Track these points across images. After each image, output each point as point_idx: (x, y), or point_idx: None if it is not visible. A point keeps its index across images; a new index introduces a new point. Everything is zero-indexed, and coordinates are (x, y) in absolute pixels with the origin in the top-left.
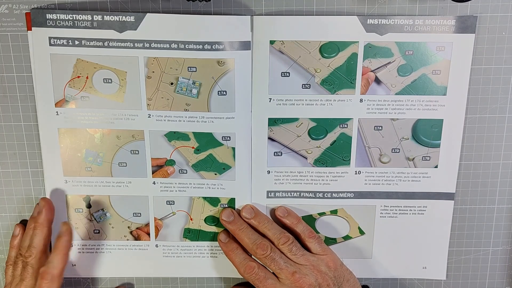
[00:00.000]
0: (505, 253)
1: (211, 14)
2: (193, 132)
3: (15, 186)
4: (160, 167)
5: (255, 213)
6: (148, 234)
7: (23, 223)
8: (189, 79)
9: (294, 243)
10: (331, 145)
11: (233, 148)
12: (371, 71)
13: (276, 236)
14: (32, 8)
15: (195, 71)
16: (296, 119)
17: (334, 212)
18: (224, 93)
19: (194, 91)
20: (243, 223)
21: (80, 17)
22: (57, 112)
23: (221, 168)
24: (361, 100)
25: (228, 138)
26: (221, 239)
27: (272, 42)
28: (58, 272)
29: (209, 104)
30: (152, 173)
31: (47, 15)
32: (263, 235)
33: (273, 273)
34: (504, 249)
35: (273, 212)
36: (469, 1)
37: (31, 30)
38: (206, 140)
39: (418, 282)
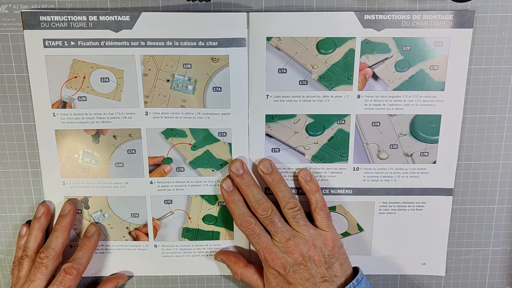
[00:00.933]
0: (505, 253)
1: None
2: (189, 129)
3: (15, 186)
4: (157, 166)
5: (272, 170)
6: (147, 234)
7: (29, 223)
8: (185, 76)
9: (300, 211)
10: (328, 141)
11: (230, 144)
12: (369, 67)
13: (285, 199)
14: (23, 11)
15: (190, 67)
16: (293, 116)
17: (332, 208)
18: (219, 89)
19: (190, 87)
20: (251, 180)
21: (75, 18)
22: (53, 113)
23: (218, 164)
24: (358, 96)
25: (224, 134)
26: (225, 187)
27: (268, 39)
28: (83, 269)
29: (205, 100)
30: (149, 172)
31: (40, 17)
32: (267, 194)
33: (269, 233)
34: (504, 249)
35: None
36: (469, 1)
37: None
38: (203, 136)
39: (418, 281)
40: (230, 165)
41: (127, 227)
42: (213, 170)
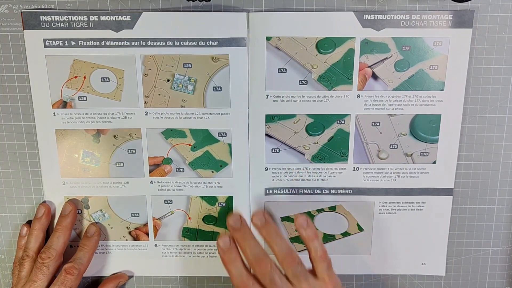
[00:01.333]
0: (505, 253)
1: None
2: (189, 129)
3: (15, 186)
4: (157, 166)
5: (266, 222)
6: (147, 234)
7: (30, 223)
8: (185, 76)
9: (299, 265)
10: (328, 141)
11: (230, 145)
12: (368, 66)
13: (282, 254)
14: (23, 11)
15: (190, 67)
16: (293, 116)
17: (332, 208)
18: (219, 89)
19: (190, 87)
20: (249, 234)
21: (76, 18)
22: (54, 113)
23: (217, 165)
24: (358, 96)
25: (224, 134)
26: (221, 245)
27: (268, 39)
28: (84, 269)
29: (205, 100)
30: (150, 172)
31: (41, 17)
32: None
33: None
34: (504, 249)
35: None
36: (469, 1)
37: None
38: (203, 137)
39: (418, 281)
40: (228, 218)
41: (127, 227)
42: (212, 172)
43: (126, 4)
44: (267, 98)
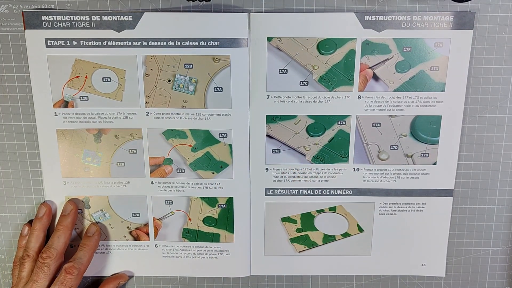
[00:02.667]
0: (505, 253)
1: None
2: (190, 130)
3: (15, 186)
4: (158, 166)
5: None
6: (147, 234)
7: (31, 223)
8: (186, 76)
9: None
10: (329, 142)
11: (230, 145)
12: (369, 67)
13: None
14: (25, 10)
15: (191, 68)
16: (294, 116)
17: (332, 209)
18: (220, 89)
19: (191, 87)
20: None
21: (78, 18)
22: (55, 112)
23: (218, 166)
24: (359, 97)
25: (225, 135)
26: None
27: (269, 39)
28: (84, 269)
29: (206, 100)
30: (150, 173)
31: (42, 16)
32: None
33: None
34: (504, 249)
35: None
36: (469, 1)
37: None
38: (203, 138)
39: (418, 282)
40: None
41: (128, 227)
42: (213, 173)
43: (126, 4)
44: (268, 98)
